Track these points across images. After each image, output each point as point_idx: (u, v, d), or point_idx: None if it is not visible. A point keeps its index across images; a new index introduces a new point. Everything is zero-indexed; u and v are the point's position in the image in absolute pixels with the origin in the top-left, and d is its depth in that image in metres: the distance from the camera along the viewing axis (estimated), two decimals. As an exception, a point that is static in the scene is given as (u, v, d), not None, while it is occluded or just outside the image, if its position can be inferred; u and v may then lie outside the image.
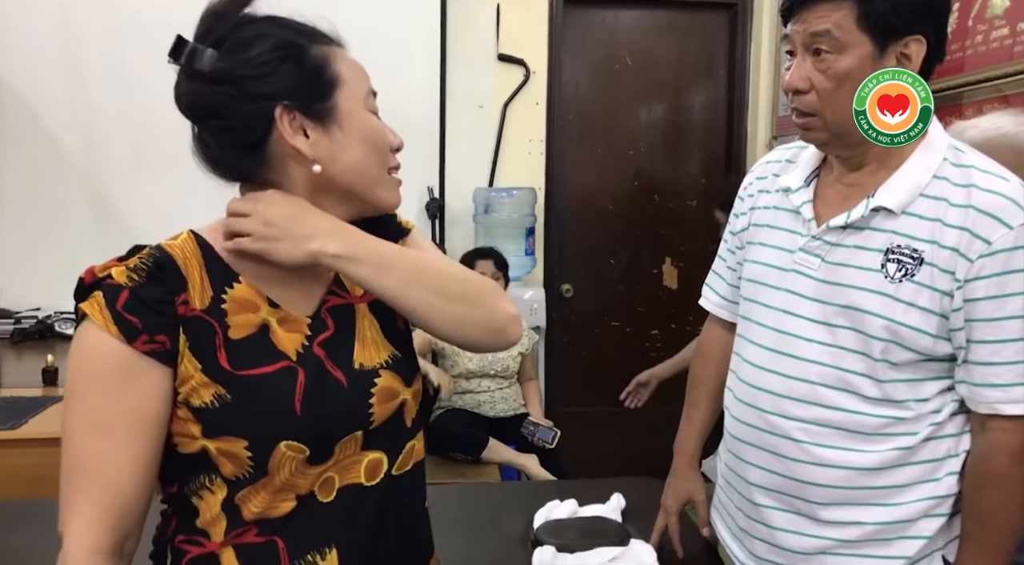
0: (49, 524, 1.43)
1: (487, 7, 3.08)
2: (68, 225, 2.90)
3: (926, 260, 0.96)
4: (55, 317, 2.82)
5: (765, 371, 1.08)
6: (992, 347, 0.95)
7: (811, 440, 1.03)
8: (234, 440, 0.74)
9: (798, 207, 1.07)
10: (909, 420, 1.01)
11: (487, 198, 3.04)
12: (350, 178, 0.80)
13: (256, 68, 0.76)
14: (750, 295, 1.14)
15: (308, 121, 0.78)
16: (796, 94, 0.99)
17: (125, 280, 0.72)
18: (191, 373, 0.74)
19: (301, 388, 0.77)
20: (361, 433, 0.81)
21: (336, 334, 0.83)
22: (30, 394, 2.12)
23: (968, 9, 2.13)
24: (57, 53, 2.85)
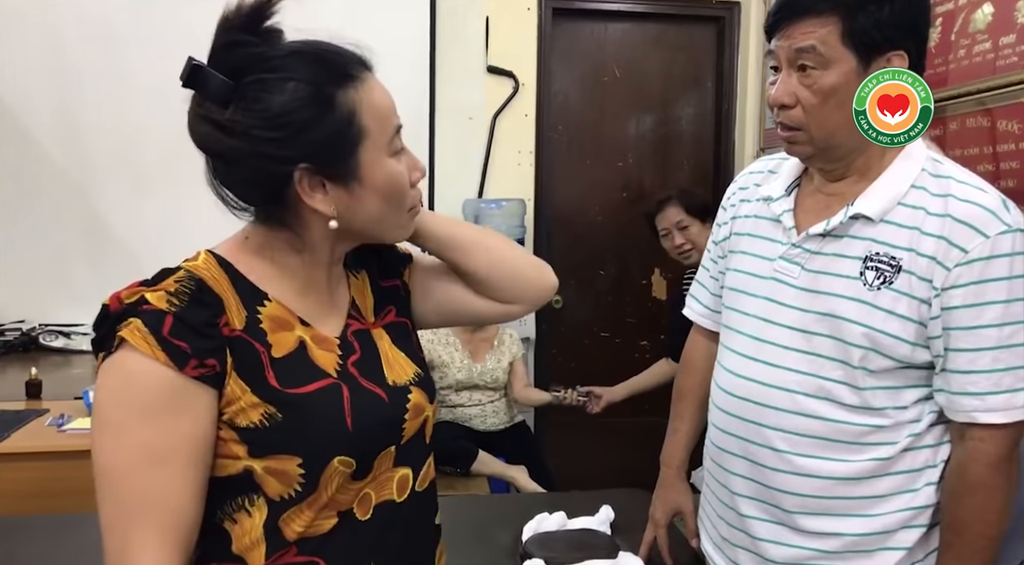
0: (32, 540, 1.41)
1: (476, 19, 3.09)
2: (54, 237, 2.88)
3: (904, 268, 0.96)
4: (39, 329, 2.79)
5: (746, 380, 1.08)
6: (969, 355, 0.95)
7: (791, 449, 1.03)
8: (286, 458, 0.73)
9: (779, 216, 1.08)
10: (888, 428, 1.01)
11: (476, 209, 3.05)
12: (367, 227, 0.81)
13: (275, 130, 0.71)
14: (731, 304, 1.14)
15: (328, 181, 0.75)
16: (782, 109, 1.01)
17: (166, 305, 0.69)
18: (238, 394, 0.72)
19: (348, 403, 0.77)
20: (394, 448, 0.82)
21: (363, 356, 0.83)
22: (13, 407, 2.10)
23: (951, 24, 2.16)
24: (44, 64, 2.84)
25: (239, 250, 0.80)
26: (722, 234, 1.21)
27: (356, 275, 0.90)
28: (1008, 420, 0.95)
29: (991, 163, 1.98)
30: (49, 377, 2.27)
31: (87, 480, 0.71)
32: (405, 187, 0.81)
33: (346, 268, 0.89)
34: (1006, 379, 0.95)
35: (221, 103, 0.72)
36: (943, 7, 2.19)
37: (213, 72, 0.72)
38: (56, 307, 2.84)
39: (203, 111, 0.72)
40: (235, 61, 0.72)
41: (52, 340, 2.75)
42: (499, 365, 2.72)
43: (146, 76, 2.75)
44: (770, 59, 1.03)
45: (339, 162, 0.75)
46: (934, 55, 2.20)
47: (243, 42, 0.72)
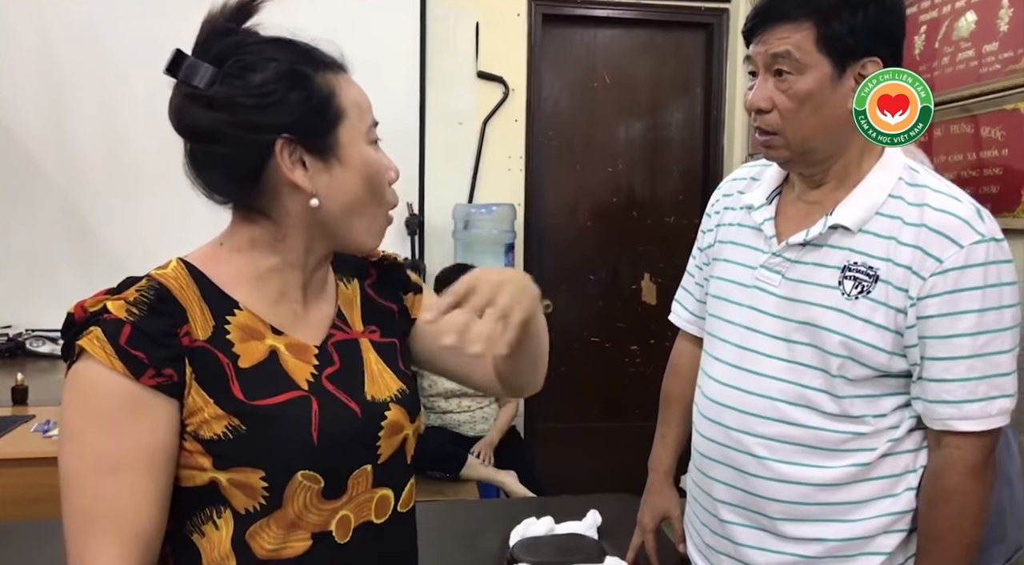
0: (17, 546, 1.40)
1: (466, 25, 3.10)
2: (41, 241, 2.86)
3: (881, 277, 0.97)
4: (26, 335, 2.77)
5: (728, 387, 1.09)
6: (944, 364, 0.96)
7: (772, 456, 1.04)
8: (249, 471, 0.72)
9: (760, 224, 1.09)
10: (868, 435, 1.02)
11: (466, 214, 3.05)
12: (344, 213, 0.78)
13: (258, 98, 0.73)
14: (714, 311, 1.15)
15: (308, 155, 0.75)
16: (759, 113, 1.02)
17: (125, 314, 0.69)
18: (200, 406, 0.71)
19: (316, 417, 0.76)
20: (371, 468, 0.81)
21: (343, 368, 0.82)
22: (-1, 413, 2.08)
23: (935, 31, 2.18)
24: (33, 69, 2.83)
25: (212, 257, 0.79)
26: (707, 241, 1.22)
27: (347, 284, 0.89)
28: (983, 428, 0.96)
29: (975, 169, 2.01)
30: (35, 383, 2.26)
31: None
32: (384, 177, 0.81)
33: (337, 275, 0.89)
34: (981, 387, 0.96)
35: (205, 86, 0.73)
36: (927, 15, 2.21)
37: (197, 60, 0.73)
38: (43, 313, 2.82)
39: (186, 91, 0.74)
40: (219, 50, 0.74)
41: (39, 345, 2.73)
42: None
43: (134, 82, 2.75)
44: (748, 64, 1.04)
45: (318, 136, 0.75)
46: (919, 62, 2.23)
47: (226, 31, 0.75)
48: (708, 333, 1.17)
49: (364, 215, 0.80)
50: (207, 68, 0.73)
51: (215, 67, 0.73)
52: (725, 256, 1.15)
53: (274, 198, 0.77)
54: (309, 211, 0.77)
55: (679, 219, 3.36)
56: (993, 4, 1.97)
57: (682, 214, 3.36)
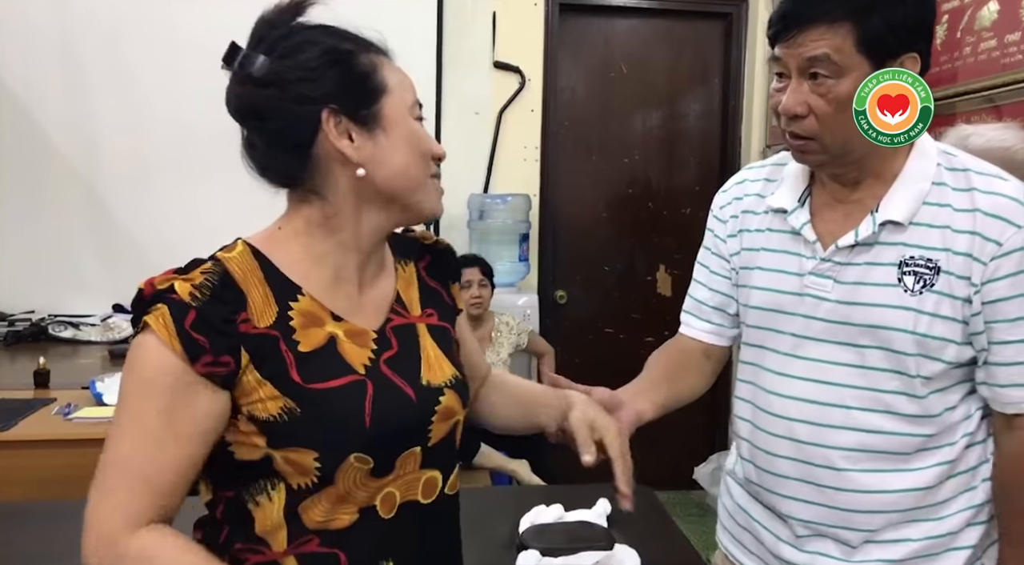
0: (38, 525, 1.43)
1: (483, 14, 3.10)
2: (63, 228, 2.91)
3: (943, 269, 0.95)
4: (49, 320, 2.82)
5: (797, 400, 1.04)
6: (1015, 347, 0.95)
7: (855, 467, 1.01)
8: (304, 451, 0.75)
9: (798, 229, 1.04)
10: (945, 432, 1.00)
11: (482, 204, 3.05)
12: (393, 183, 0.81)
13: (304, 72, 0.77)
14: (760, 323, 1.09)
15: (354, 125, 0.79)
16: (793, 119, 0.97)
17: (190, 299, 0.72)
18: (255, 387, 0.74)
19: (370, 402, 0.78)
20: (420, 450, 0.83)
21: (400, 352, 0.84)
22: (22, 396, 2.12)
23: (957, 21, 2.15)
24: (55, 56, 2.86)
25: (275, 241, 0.82)
26: (730, 248, 1.15)
27: (404, 267, 0.92)
28: None
29: (996, 161, 1.98)
30: (57, 367, 2.29)
31: (92, 468, 0.75)
32: (427, 148, 0.83)
33: (396, 258, 0.91)
34: None
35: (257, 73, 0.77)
36: (949, 4, 2.18)
37: (251, 51, 0.78)
38: (65, 298, 2.87)
39: (240, 76, 0.78)
40: (270, 40, 0.79)
41: (61, 330, 2.78)
42: (498, 358, 2.73)
43: (154, 72, 2.78)
44: (775, 66, 0.99)
45: (364, 106, 0.79)
46: (940, 52, 2.20)
47: (277, 23, 0.80)
48: (755, 345, 1.11)
49: (418, 185, 0.83)
50: (260, 58, 0.78)
51: (266, 56, 0.78)
52: (759, 264, 1.09)
53: (325, 173, 0.80)
54: (357, 183, 0.80)
55: (696, 210, 3.34)
56: (1017, -7, 1.93)
57: (699, 205, 3.34)
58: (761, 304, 1.09)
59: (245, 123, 0.80)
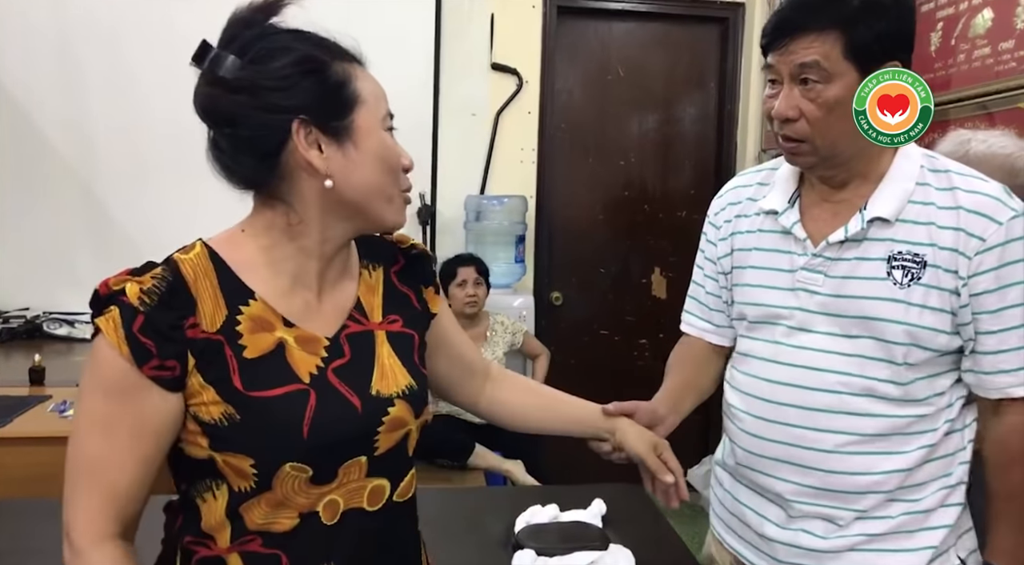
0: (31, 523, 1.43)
1: (481, 16, 3.10)
2: (60, 226, 2.90)
3: (929, 263, 1.01)
4: (44, 317, 2.82)
5: (789, 386, 1.10)
6: (998, 336, 1.01)
7: (844, 449, 1.06)
8: (241, 457, 0.76)
9: (789, 228, 1.10)
10: (930, 416, 1.06)
11: (478, 206, 3.06)
12: (360, 196, 0.80)
13: (277, 81, 0.76)
14: (754, 317, 1.15)
15: (324, 137, 0.78)
16: (785, 122, 1.03)
17: (138, 303, 0.73)
18: (198, 391, 0.75)
19: (311, 412, 0.78)
20: (365, 459, 0.82)
21: (352, 361, 0.83)
22: (16, 393, 2.12)
23: (952, 28, 2.17)
24: (53, 54, 2.86)
25: (233, 243, 0.81)
26: (720, 251, 1.22)
27: (372, 271, 0.91)
28: None
29: (989, 168, 2.00)
30: (52, 364, 2.29)
31: None
32: (398, 161, 0.83)
33: (363, 262, 0.90)
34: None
35: (228, 74, 0.76)
36: (944, 11, 2.20)
37: (222, 51, 0.77)
38: (60, 295, 2.87)
39: (211, 77, 0.77)
40: (242, 41, 0.77)
41: (56, 328, 2.78)
42: (494, 356, 2.74)
43: (150, 69, 2.78)
44: (768, 73, 1.05)
45: (334, 118, 0.78)
46: (935, 59, 2.22)
47: (250, 23, 0.78)
48: (750, 337, 1.17)
49: (381, 197, 0.82)
50: (231, 58, 0.76)
51: (238, 57, 0.76)
52: (751, 263, 1.16)
53: (291, 182, 0.79)
54: (324, 194, 0.79)
55: (691, 213, 3.36)
56: (1010, 2, 1.95)
57: (694, 208, 3.36)
58: (755, 299, 1.15)
59: (213, 126, 0.79)
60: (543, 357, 2.94)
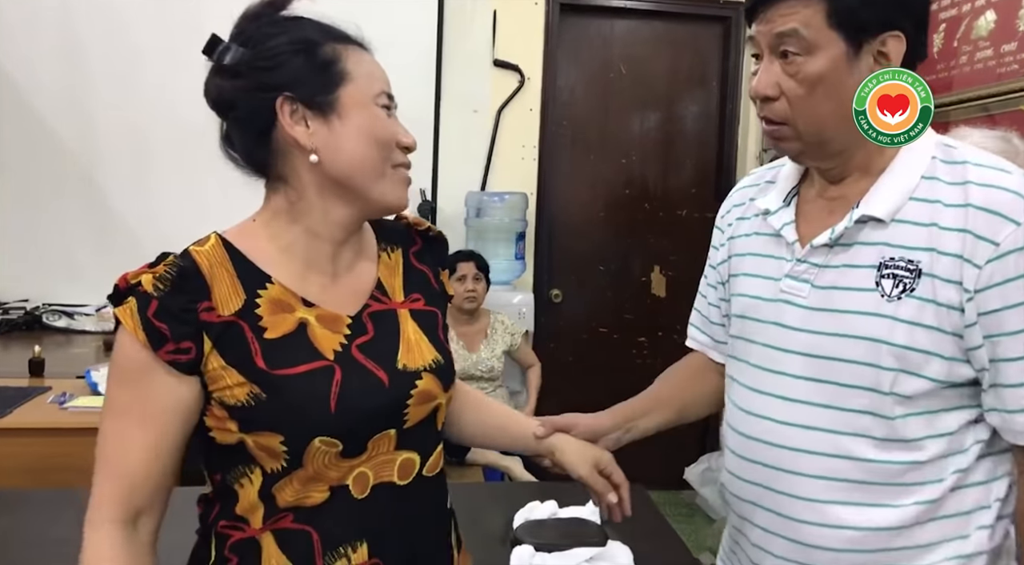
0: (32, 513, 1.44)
1: (484, 13, 3.10)
2: (59, 218, 2.90)
3: (924, 271, 0.83)
4: (43, 309, 2.82)
5: (760, 418, 0.94)
6: (1022, 364, 0.82)
7: (821, 497, 0.89)
8: (270, 435, 0.77)
9: (779, 229, 0.96)
10: (929, 463, 0.87)
11: (479, 202, 3.06)
12: (348, 170, 0.81)
13: (266, 60, 0.79)
14: (738, 332, 1.01)
15: (309, 112, 0.79)
16: (764, 102, 0.89)
17: (152, 290, 0.75)
18: (220, 374, 0.77)
19: (337, 386, 0.79)
20: (395, 432, 0.83)
21: (376, 337, 0.84)
22: (16, 384, 2.12)
23: (954, 30, 2.17)
24: (56, 45, 2.86)
25: (246, 232, 0.83)
26: (719, 257, 1.09)
27: (391, 253, 0.92)
28: None
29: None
30: (52, 356, 2.29)
31: (87, 457, 0.79)
32: (390, 136, 0.83)
33: (381, 245, 0.92)
34: None
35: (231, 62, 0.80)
36: (947, 13, 2.20)
37: (230, 43, 0.80)
38: (60, 287, 2.87)
39: (217, 67, 0.80)
40: (248, 32, 0.80)
41: (55, 320, 2.78)
42: (493, 354, 2.74)
43: (155, 61, 2.78)
44: (751, 46, 0.95)
45: (319, 94, 0.79)
46: (937, 61, 2.22)
47: (259, 16, 0.81)
48: (732, 357, 1.03)
49: (370, 172, 0.82)
50: (237, 49, 0.79)
51: (242, 46, 0.79)
52: (745, 270, 1.01)
53: (286, 160, 0.81)
54: (315, 170, 0.80)
55: (691, 212, 3.36)
56: (1013, 4, 1.96)
57: (694, 207, 3.36)
58: (741, 312, 1.00)
59: (221, 115, 0.82)
60: (536, 369, 2.91)
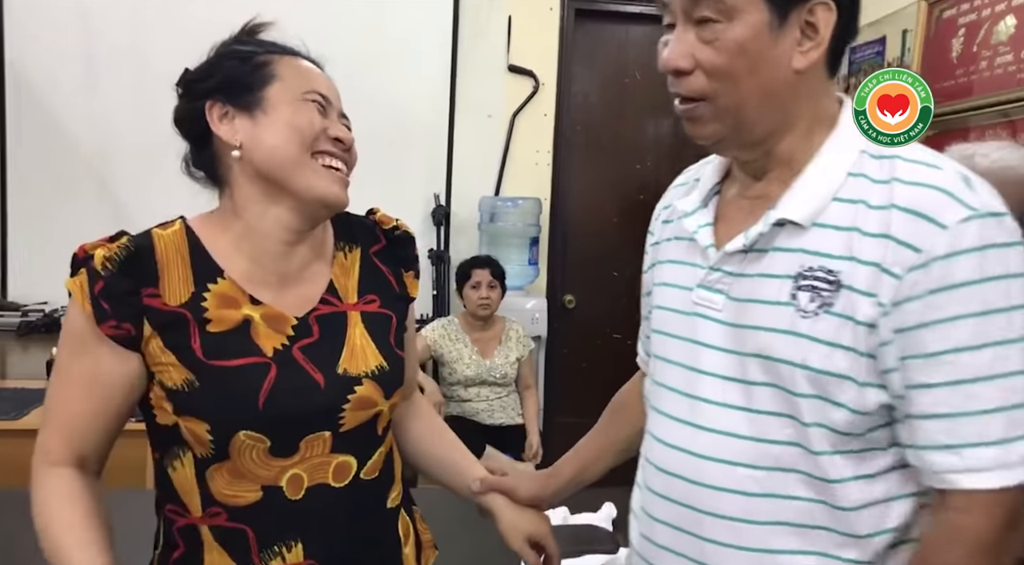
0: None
1: (499, 18, 3.11)
2: (76, 220, 2.93)
3: (843, 283, 0.71)
4: (61, 311, 2.84)
5: (676, 450, 0.81)
6: (937, 393, 0.69)
7: (741, 544, 0.76)
8: (198, 422, 0.80)
9: (693, 233, 0.84)
10: (858, 517, 0.74)
11: (493, 207, 3.07)
12: (268, 161, 0.82)
13: (202, 72, 0.85)
14: (656, 351, 0.89)
15: (235, 110, 0.83)
16: (677, 75, 0.78)
17: (100, 269, 0.79)
18: (159, 357, 0.80)
19: (269, 383, 0.81)
20: (330, 434, 0.84)
21: (320, 340, 0.85)
22: (34, 385, 2.15)
23: (974, 35, 2.15)
24: (73, 48, 2.90)
25: (206, 223, 0.87)
26: (646, 264, 0.98)
27: (348, 253, 0.93)
28: (1001, 483, 0.67)
29: (1010, 176, 1.97)
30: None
31: None
32: (311, 126, 0.84)
33: (339, 244, 0.92)
34: (994, 424, 0.67)
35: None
36: (966, 17, 2.18)
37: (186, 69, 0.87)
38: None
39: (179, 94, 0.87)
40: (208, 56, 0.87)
41: (73, 322, 2.80)
42: (507, 361, 2.74)
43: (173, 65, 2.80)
44: (665, 15, 0.80)
45: (245, 94, 0.83)
46: (956, 66, 2.20)
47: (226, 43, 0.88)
48: (651, 379, 0.90)
49: (292, 162, 0.83)
50: (187, 72, 0.86)
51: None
52: (664, 279, 0.89)
53: (221, 162, 0.85)
54: (242, 166, 0.83)
55: (706, 218, 3.34)
56: (1035, 8, 1.93)
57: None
58: (657, 327, 0.89)
59: (180, 133, 0.88)
60: (532, 394, 2.85)
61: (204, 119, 0.83)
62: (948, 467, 0.69)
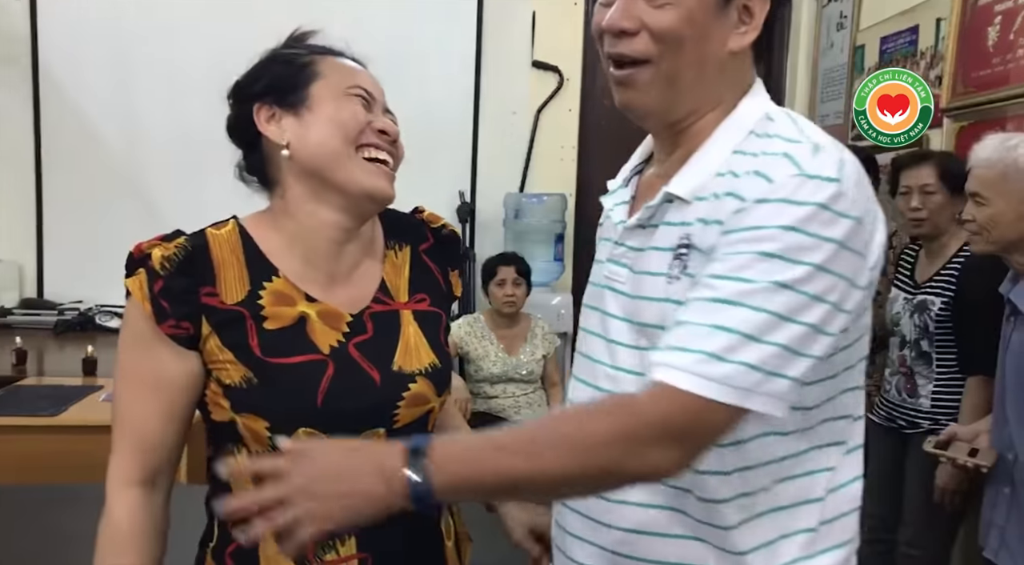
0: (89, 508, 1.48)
1: (523, 15, 3.10)
2: (111, 220, 2.99)
3: (695, 245, 0.74)
4: (96, 310, 2.91)
5: None
6: (689, 306, 0.70)
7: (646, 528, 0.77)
8: (258, 419, 0.81)
9: (610, 211, 0.88)
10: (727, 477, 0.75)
11: (518, 203, 3.07)
12: (314, 157, 0.83)
13: (249, 77, 0.87)
14: (581, 322, 0.91)
15: (282, 110, 0.84)
16: (620, 36, 0.76)
17: (159, 268, 0.80)
18: (217, 355, 0.81)
19: (327, 381, 0.81)
20: (384, 431, 0.84)
21: (375, 338, 0.86)
22: (71, 383, 2.20)
23: (1010, 23, 2.09)
24: (105, 50, 2.95)
25: (260, 222, 0.88)
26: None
27: (397, 252, 0.94)
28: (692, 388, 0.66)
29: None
30: (104, 355, 2.36)
31: None
32: (355, 120, 0.85)
33: (389, 243, 0.93)
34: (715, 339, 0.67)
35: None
36: (1003, 5, 2.13)
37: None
38: (111, 289, 2.94)
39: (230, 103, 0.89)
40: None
41: (107, 320, 2.86)
42: (533, 358, 2.74)
43: (204, 65, 2.84)
44: None
45: (291, 93, 0.85)
46: (992, 54, 2.14)
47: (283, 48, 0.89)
48: (577, 351, 0.91)
49: (336, 156, 0.84)
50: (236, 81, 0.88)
51: None
52: (597, 257, 0.91)
53: (272, 163, 0.87)
54: (291, 165, 0.84)
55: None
56: (1074, -6, 1.88)
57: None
58: (584, 300, 0.91)
59: (232, 140, 0.89)
60: (558, 388, 2.83)
61: (253, 123, 0.85)
62: (660, 360, 0.69)
